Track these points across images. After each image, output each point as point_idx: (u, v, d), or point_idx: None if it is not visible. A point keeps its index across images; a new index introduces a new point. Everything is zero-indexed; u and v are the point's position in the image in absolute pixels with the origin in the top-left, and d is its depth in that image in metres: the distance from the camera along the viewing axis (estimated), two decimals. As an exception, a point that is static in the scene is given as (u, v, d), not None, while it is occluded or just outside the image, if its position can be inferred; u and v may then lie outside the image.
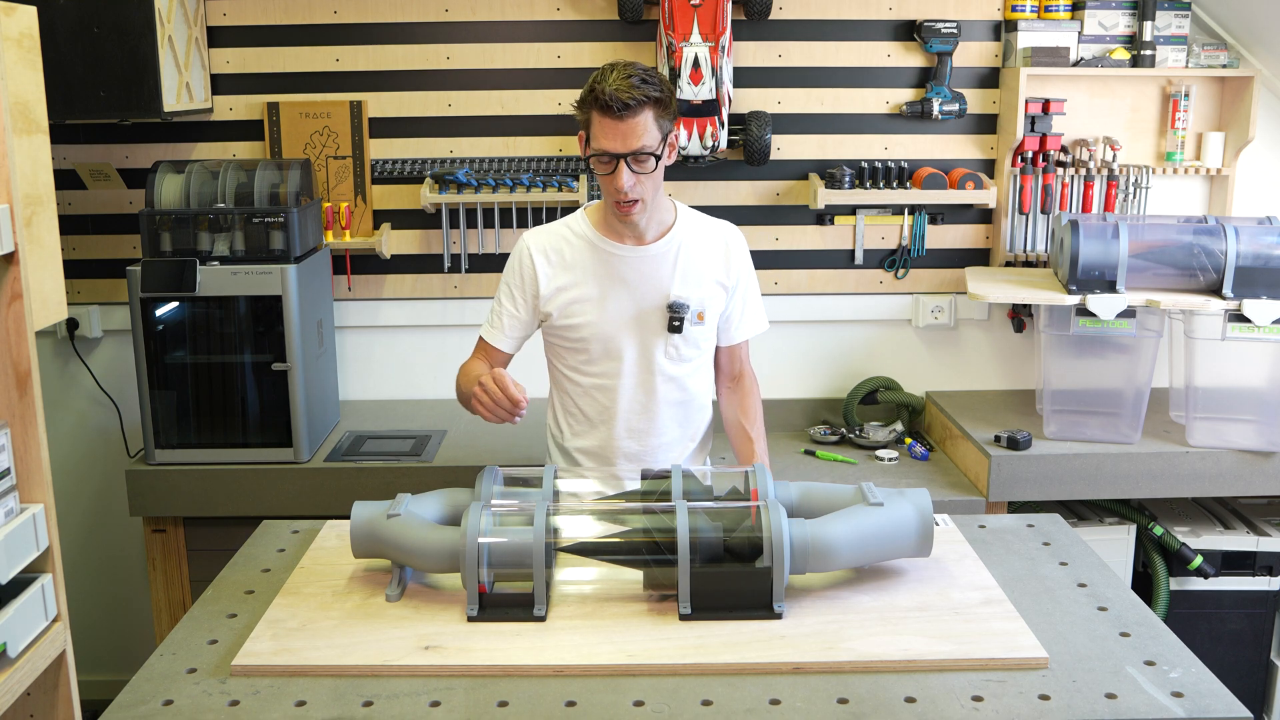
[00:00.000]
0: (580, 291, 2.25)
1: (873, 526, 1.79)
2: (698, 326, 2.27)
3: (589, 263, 2.25)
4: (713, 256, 2.29)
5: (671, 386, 2.30)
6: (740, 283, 2.33)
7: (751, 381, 2.42)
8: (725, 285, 2.30)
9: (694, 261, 2.26)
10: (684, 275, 2.25)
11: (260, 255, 2.81)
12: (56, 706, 1.72)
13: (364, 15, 3.16)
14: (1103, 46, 3.16)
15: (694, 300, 2.25)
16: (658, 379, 2.28)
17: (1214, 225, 2.82)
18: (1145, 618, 1.77)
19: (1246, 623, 2.97)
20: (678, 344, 2.26)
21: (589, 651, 1.64)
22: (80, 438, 3.37)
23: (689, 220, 2.30)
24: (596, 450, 2.34)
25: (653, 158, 2.10)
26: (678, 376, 2.30)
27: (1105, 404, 2.91)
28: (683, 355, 2.29)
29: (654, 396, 2.29)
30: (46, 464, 1.67)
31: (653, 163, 2.11)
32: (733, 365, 2.41)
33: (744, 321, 2.36)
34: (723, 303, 2.31)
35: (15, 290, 1.61)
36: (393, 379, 3.37)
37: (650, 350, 2.26)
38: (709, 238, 2.30)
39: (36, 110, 1.74)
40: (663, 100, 2.09)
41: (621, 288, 2.24)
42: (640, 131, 2.07)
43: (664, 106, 2.10)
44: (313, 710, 1.53)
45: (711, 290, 2.29)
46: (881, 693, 1.56)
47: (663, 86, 2.10)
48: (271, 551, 2.05)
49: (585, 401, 2.31)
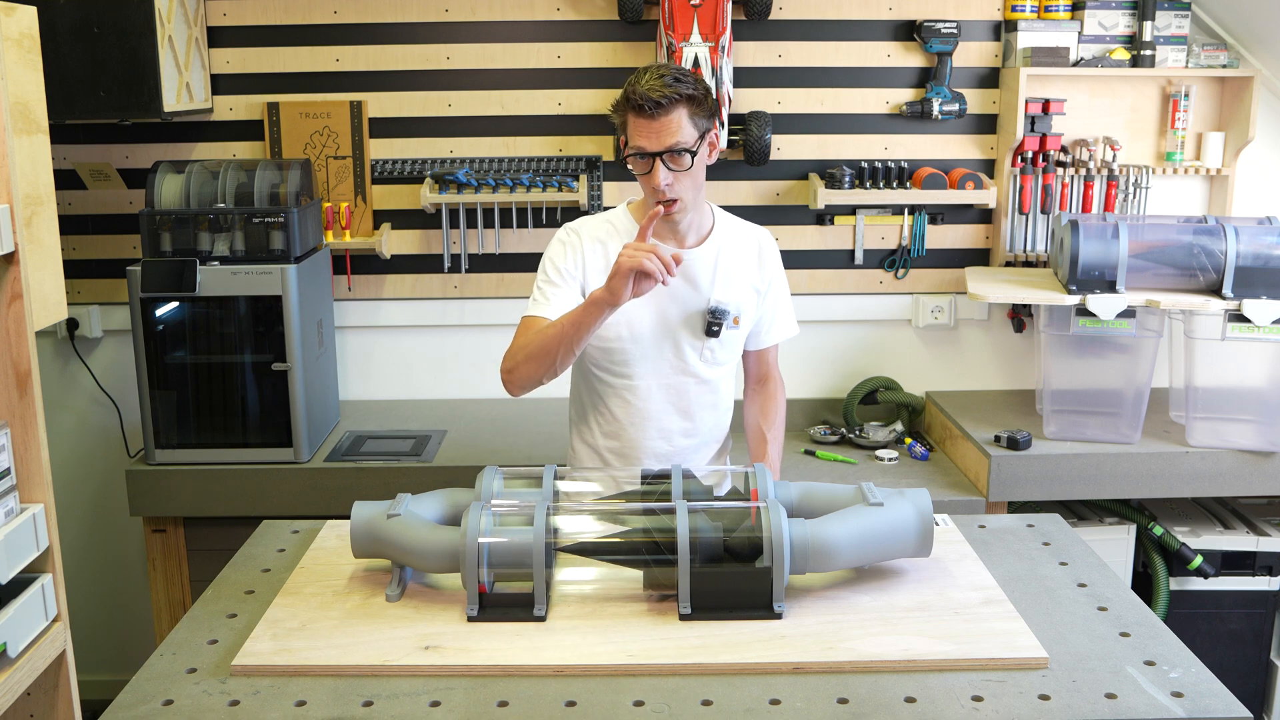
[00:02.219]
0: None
1: (873, 526, 1.79)
2: (733, 330, 2.27)
3: None
4: (748, 261, 2.29)
5: (704, 389, 2.29)
6: (772, 287, 2.33)
7: (777, 385, 2.41)
8: (759, 290, 2.30)
9: (732, 266, 2.26)
10: (724, 280, 2.25)
11: (260, 255, 2.81)
12: (56, 706, 1.72)
13: (364, 15, 3.16)
14: (1103, 46, 3.16)
15: (732, 305, 2.25)
16: (691, 381, 2.28)
17: (1214, 225, 2.82)
18: (1145, 618, 1.77)
19: (1246, 623, 2.97)
20: (713, 348, 2.26)
21: (589, 651, 1.64)
22: (80, 438, 3.37)
23: (726, 224, 2.30)
24: (625, 450, 2.32)
25: (689, 154, 2.10)
26: (711, 380, 2.30)
27: (1105, 404, 2.91)
28: (717, 359, 2.29)
29: (686, 398, 2.29)
30: (46, 464, 1.67)
31: (689, 160, 2.10)
32: (760, 368, 2.40)
33: (775, 325, 2.36)
34: (756, 307, 2.31)
35: (15, 290, 1.61)
36: (393, 379, 3.37)
37: (685, 353, 2.26)
38: (744, 242, 2.30)
39: (36, 110, 1.75)
40: (696, 98, 2.09)
41: (661, 290, 2.18)
42: (674, 129, 2.07)
43: (698, 104, 2.10)
44: (313, 710, 1.53)
45: (748, 295, 2.29)
46: (881, 693, 1.56)
47: (698, 85, 2.11)
48: (271, 551, 2.05)
49: (615, 402, 2.29)
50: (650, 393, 2.27)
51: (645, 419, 2.28)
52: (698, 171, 2.13)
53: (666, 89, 2.05)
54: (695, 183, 2.14)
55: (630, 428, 2.29)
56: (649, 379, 2.26)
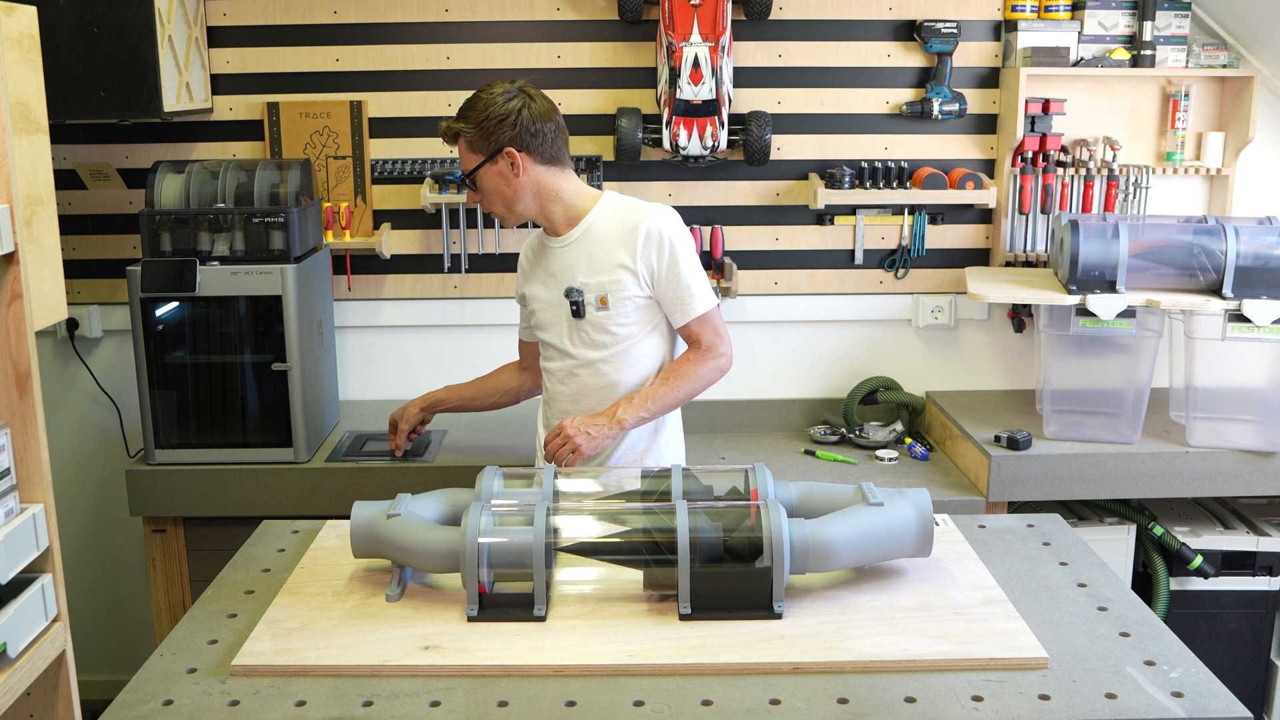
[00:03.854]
0: (532, 283, 2.45)
1: (873, 526, 1.79)
2: (603, 312, 2.32)
3: (539, 257, 2.45)
4: (615, 242, 2.32)
5: (590, 372, 2.37)
6: (660, 265, 2.30)
7: (704, 351, 2.35)
8: (630, 268, 2.30)
9: (597, 248, 2.34)
10: (589, 262, 2.34)
11: (260, 255, 2.81)
12: (56, 706, 1.72)
13: (364, 15, 3.16)
14: (1103, 46, 3.16)
15: (592, 285, 2.32)
16: (577, 365, 2.38)
17: (1214, 225, 2.82)
18: (1145, 618, 1.77)
19: (1246, 623, 2.97)
20: (586, 329, 2.35)
21: (589, 651, 1.64)
22: (80, 438, 3.37)
23: (607, 208, 2.36)
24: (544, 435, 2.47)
25: (469, 179, 2.31)
26: (595, 362, 2.36)
27: (1105, 404, 2.91)
28: (595, 340, 2.34)
29: (578, 382, 2.39)
30: (46, 464, 1.67)
31: (473, 184, 2.32)
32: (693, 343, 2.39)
33: (681, 303, 2.33)
34: (636, 287, 2.31)
35: (15, 290, 1.61)
36: (393, 379, 3.37)
37: (565, 337, 2.38)
38: (620, 224, 2.33)
39: (36, 110, 1.75)
40: (465, 131, 2.27)
41: (549, 277, 2.40)
42: (460, 156, 2.32)
43: (471, 134, 2.27)
44: (313, 710, 1.53)
45: (615, 275, 2.31)
46: (881, 693, 1.56)
47: (474, 113, 2.26)
48: (271, 551, 2.06)
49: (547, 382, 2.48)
50: (553, 374, 2.44)
51: (554, 403, 2.45)
52: (501, 189, 2.30)
53: (448, 123, 2.30)
54: (505, 198, 2.32)
55: (548, 412, 2.48)
56: (550, 362, 2.44)
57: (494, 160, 2.28)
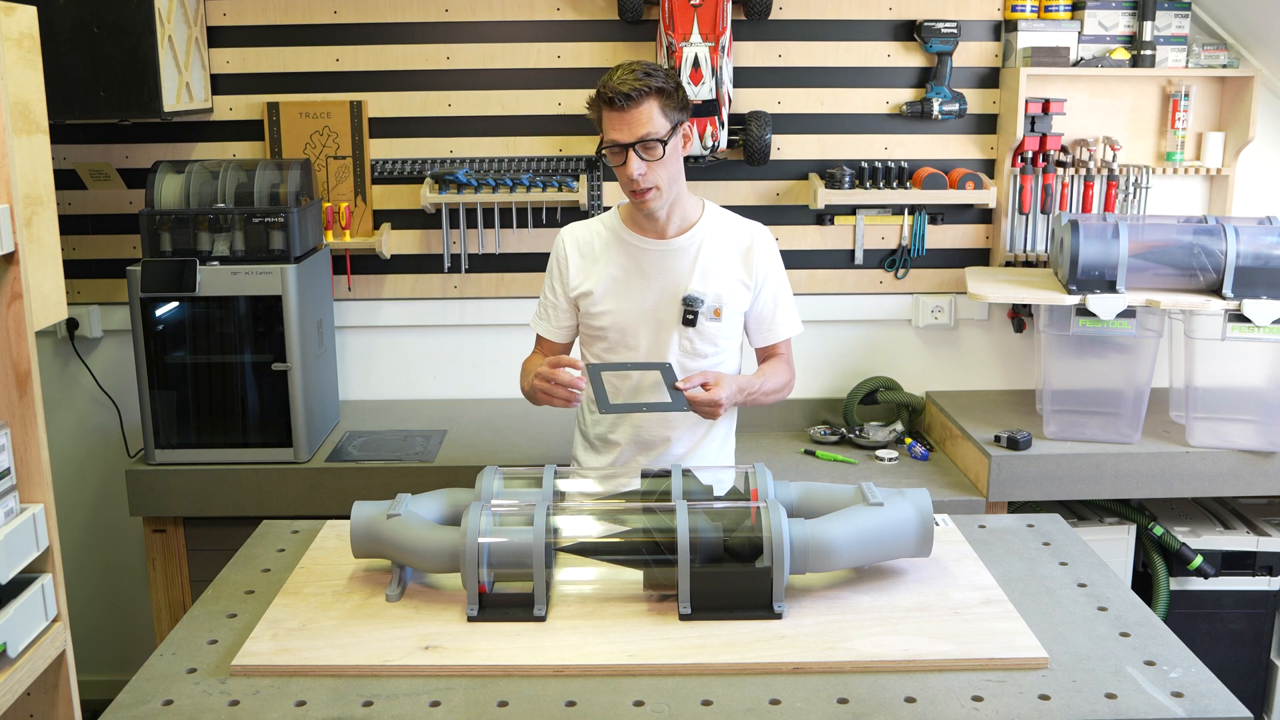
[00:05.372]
0: (603, 282, 2.31)
1: (873, 526, 1.79)
2: (714, 323, 2.30)
3: (614, 255, 2.32)
4: (732, 254, 2.32)
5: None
6: (767, 283, 2.34)
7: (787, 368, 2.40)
8: (746, 284, 2.32)
9: (714, 258, 2.30)
10: (703, 270, 2.29)
11: (260, 255, 2.81)
12: (56, 706, 1.72)
13: (364, 15, 3.16)
14: (1103, 46, 3.16)
15: (710, 296, 2.28)
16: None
17: (1214, 225, 2.82)
18: (1145, 618, 1.77)
19: (1246, 623, 2.97)
20: (693, 338, 2.29)
21: (589, 651, 1.64)
22: (80, 438, 3.37)
23: (716, 218, 2.34)
24: (609, 435, 2.38)
25: (660, 144, 2.15)
26: (693, 371, 2.30)
27: (1105, 404, 2.91)
28: (698, 350, 2.31)
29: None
30: (46, 464, 1.67)
31: (660, 149, 2.16)
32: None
33: (775, 323, 2.37)
34: (745, 301, 2.33)
35: (15, 290, 1.61)
36: (393, 379, 3.37)
37: (665, 342, 2.30)
38: (733, 236, 2.33)
39: (36, 110, 1.75)
40: (666, 90, 2.16)
41: (641, 279, 2.30)
42: (644, 120, 2.14)
43: (668, 97, 2.16)
44: (313, 710, 1.53)
45: (731, 288, 2.30)
46: (881, 693, 1.56)
47: (667, 79, 2.16)
48: (271, 551, 2.06)
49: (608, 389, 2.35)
50: (634, 379, 2.33)
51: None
52: (670, 161, 2.19)
53: (637, 82, 2.13)
54: (670, 172, 2.20)
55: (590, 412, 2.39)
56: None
57: (677, 131, 2.20)
